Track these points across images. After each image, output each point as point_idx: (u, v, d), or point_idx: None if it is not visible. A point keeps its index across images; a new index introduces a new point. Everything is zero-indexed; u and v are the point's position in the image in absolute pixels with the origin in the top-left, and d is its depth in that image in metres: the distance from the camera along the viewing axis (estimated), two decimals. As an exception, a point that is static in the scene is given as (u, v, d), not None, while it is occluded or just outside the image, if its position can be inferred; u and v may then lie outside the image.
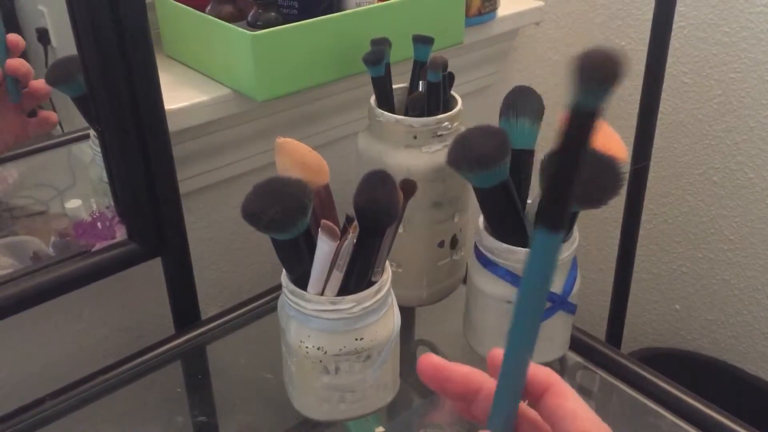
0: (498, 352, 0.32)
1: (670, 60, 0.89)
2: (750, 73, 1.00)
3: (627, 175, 0.53)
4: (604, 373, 0.71)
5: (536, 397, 0.33)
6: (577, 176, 0.24)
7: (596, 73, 0.22)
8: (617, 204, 0.95)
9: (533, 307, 0.28)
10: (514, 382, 0.31)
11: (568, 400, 0.33)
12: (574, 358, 0.73)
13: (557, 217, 0.25)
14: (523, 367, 0.30)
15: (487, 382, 0.35)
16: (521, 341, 0.29)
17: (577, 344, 0.72)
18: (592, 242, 1.27)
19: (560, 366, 0.72)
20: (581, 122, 0.23)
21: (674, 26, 0.87)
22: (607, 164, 0.52)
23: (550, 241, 0.25)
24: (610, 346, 0.73)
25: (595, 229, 1.25)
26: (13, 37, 0.64)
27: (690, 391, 0.67)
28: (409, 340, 0.78)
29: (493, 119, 0.62)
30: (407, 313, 0.75)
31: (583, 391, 0.74)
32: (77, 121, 0.69)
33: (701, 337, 1.21)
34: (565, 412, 0.32)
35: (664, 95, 0.91)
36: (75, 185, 0.76)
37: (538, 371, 0.33)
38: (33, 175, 0.72)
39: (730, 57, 1.01)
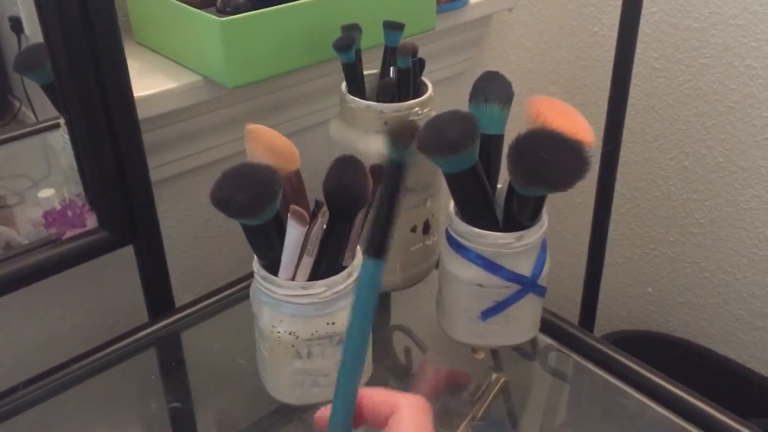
0: (324, 414, 0.36)
1: (640, 46, 0.90)
2: (719, 59, 1.01)
3: (593, 159, 0.53)
4: (576, 356, 0.72)
5: (359, 415, 0.36)
6: (395, 218, 0.30)
7: (400, 136, 0.28)
8: (589, 189, 0.96)
9: (361, 325, 0.32)
10: (349, 389, 0.34)
11: (375, 394, 0.36)
12: (546, 340, 0.74)
13: (379, 248, 0.30)
14: (357, 375, 0.34)
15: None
16: (356, 345, 0.33)
17: (549, 327, 0.73)
18: (565, 227, 1.29)
19: (531, 348, 0.73)
20: (394, 172, 0.29)
21: (645, 12, 0.88)
22: (572, 148, 0.53)
23: (375, 267, 0.30)
24: (582, 329, 0.74)
25: (569, 214, 1.27)
26: None
27: (660, 372, 0.68)
28: (382, 325, 0.79)
29: (467, 106, 0.62)
30: (381, 298, 0.75)
31: (556, 373, 0.75)
32: (52, 109, 0.68)
33: (673, 319, 1.23)
34: (377, 401, 0.35)
35: (634, 81, 0.91)
36: (50, 175, 0.76)
37: (381, 401, 0.36)
38: (7, 166, 0.71)
39: (700, 42, 1.02)
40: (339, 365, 0.34)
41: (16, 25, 0.67)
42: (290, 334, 0.56)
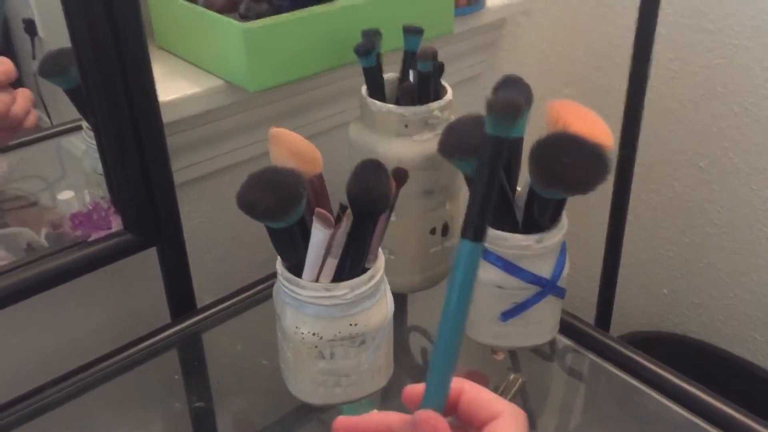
0: (412, 390, 0.36)
1: (656, 47, 0.90)
2: (735, 60, 1.01)
3: (613, 162, 0.54)
4: (593, 356, 0.73)
5: (454, 404, 0.36)
6: (493, 196, 0.29)
7: (504, 110, 0.27)
8: (605, 190, 0.96)
9: (461, 305, 0.32)
10: (444, 372, 0.34)
11: (480, 392, 0.36)
12: (563, 341, 0.74)
13: (480, 230, 0.29)
14: (452, 357, 0.34)
15: (394, 424, 0.37)
16: (452, 328, 0.33)
17: (566, 328, 0.73)
18: (581, 228, 1.29)
19: (550, 349, 0.74)
20: (495, 149, 0.28)
21: (660, 13, 0.88)
22: (592, 151, 0.53)
23: (474, 250, 0.30)
24: (599, 329, 0.75)
25: (585, 216, 1.27)
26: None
27: (677, 372, 0.68)
28: (402, 326, 0.80)
29: (482, 108, 0.62)
30: (400, 300, 0.76)
31: (573, 374, 0.75)
32: (66, 113, 0.69)
33: (688, 320, 1.23)
34: (480, 402, 0.36)
35: (650, 82, 0.92)
36: (65, 177, 0.77)
37: (483, 402, 0.36)
38: (23, 167, 0.72)
39: (715, 44, 1.02)
40: (432, 349, 0.33)
41: (30, 27, 0.68)
42: (314, 335, 0.56)
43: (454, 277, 0.30)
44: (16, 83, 0.66)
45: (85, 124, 0.70)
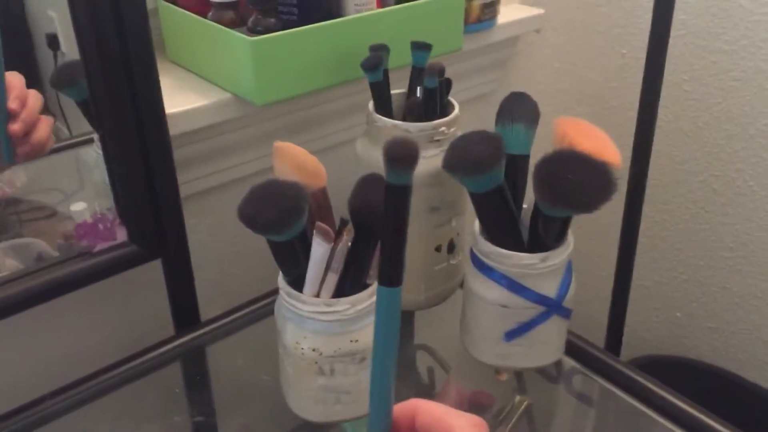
0: None
1: (670, 68, 0.89)
2: (750, 81, 1.00)
3: (619, 181, 0.53)
4: (601, 380, 0.72)
5: (409, 425, 0.35)
6: (403, 240, 0.29)
7: (399, 158, 0.26)
8: (617, 210, 0.95)
9: (385, 350, 0.32)
10: (382, 410, 0.34)
11: (434, 411, 0.35)
12: (571, 363, 0.73)
13: (394, 277, 0.29)
14: (387, 394, 0.34)
15: None
16: (382, 378, 0.33)
17: (575, 350, 0.72)
18: (592, 248, 1.27)
19: (556, 370, 0.73)
20: (396, 196, 0.27)
21: (674, 34, 0.88)
22: (598, 169, 0.52)
23: (391, 295, 0.30)
24: (607, 353, 0.74)
25: (595, 235, 1.25)
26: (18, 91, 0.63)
27: (688, 399, 0.67)
28: (406, 344, 0.79)
29: (494, 126, 0.62)
30: (405, 317, 0.75)
31: (580, 397, 0.74)
32: (85, 124, 0.70)
33: (702, 344, 1.21)
34: (435, 421, 0.35)
35: (664, 103, 0.91)
36: (83, 188, 0.77)
37: (400, 406, 0.35)
38: (41, 179, 0.73)
39: (730, 65, 1.01)
40: (369, 394, 0.33)
41: (53, 42, 0.69)
42: (314, 350, 0.56)
43: (378, 322, 0.32)
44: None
45: (96, 135, 0.70)
